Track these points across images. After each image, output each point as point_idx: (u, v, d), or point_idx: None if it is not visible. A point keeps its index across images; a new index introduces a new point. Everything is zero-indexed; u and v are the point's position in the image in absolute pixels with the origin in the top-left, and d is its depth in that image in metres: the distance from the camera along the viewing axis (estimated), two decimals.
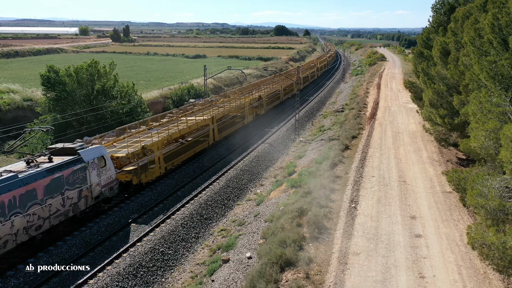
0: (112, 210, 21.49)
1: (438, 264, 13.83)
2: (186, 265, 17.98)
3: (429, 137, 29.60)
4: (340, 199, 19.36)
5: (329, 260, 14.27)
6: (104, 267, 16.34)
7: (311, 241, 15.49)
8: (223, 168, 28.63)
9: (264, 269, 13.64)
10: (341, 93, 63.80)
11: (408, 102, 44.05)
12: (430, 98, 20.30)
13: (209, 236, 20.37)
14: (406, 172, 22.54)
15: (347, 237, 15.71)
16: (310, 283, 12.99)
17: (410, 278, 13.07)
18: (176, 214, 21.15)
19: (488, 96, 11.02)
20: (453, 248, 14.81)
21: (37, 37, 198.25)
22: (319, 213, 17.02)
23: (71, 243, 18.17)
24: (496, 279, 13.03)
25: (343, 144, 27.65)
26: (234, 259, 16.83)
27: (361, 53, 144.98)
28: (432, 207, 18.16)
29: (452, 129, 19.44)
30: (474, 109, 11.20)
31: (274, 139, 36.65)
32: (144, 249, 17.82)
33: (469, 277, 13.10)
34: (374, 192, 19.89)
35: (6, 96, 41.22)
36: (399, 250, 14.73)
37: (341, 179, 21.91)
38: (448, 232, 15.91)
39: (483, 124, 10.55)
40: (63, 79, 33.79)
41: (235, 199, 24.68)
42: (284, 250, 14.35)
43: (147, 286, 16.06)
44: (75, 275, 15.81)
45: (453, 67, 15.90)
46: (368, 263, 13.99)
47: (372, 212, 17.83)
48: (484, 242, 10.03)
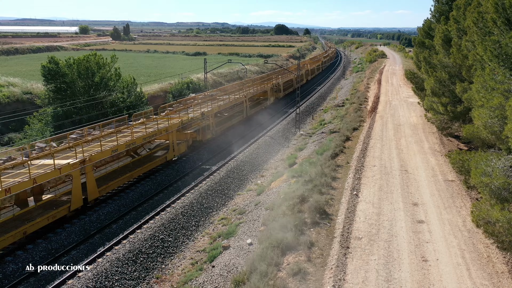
0: (112, 199, 21.35)
1: (441, 248, 13.68)
2: (186, 252, 17.84)
3: (430, 129, 29.48)
4: (341, 187, 19.22)
5: (330, 244, 14.13)
6: (103, 253, 16.20)
7: (312, 226, 15.35)
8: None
9: (265, 252, 13.50)
10: (342, 89, 63.66)
11: (409, 96, 43.94)
12: (432, 86, 20.14)
13: (209, 225, 20.23)
14: (407, 162, 22.40)
15: (349, 222, 15.56)
16: (312, 265, 12.85)
17: (413, 262, 12.93)
18: (176, 203, 21.02)
19: (492, 74, 10.87)
20: (456, 233, 14.67)
21: (37, 35, 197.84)
22: (320, 200, 16.88)
23: (70, 230, 18.04)
24: (500, 263, 12.89)
25: (344, 135, 27.50)
26: (234, 245, 16.69)
27: (361, 51, 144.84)
28: (434, 195, 18.02)
29: (454, 117, 19.28)
30: (478, 88, 11.04)
31: (274, 132, 36.51)
32: (144, 236, 17.69)
33: (472, 260, 12.96)
34: (375, 181, 19.75)
35: (5, 89, 41.04)
36: (401, 235, 14.59)
37: (342, 168, 21.76)
38: (450, 218, 15.77)
39: (487, 101, 10.41)
40: (63, 70, 33.61)
41: (236, 189, 24.53)
42: (285, 235, 14.21)
43: (147, 272, 15.92)
44: (74, 260, 15.67)
45: (455, 50, 15.74)
46: (370, 247, 13.84)
47: (373, 199, 17.69)
48: (489, 219, 9.88)
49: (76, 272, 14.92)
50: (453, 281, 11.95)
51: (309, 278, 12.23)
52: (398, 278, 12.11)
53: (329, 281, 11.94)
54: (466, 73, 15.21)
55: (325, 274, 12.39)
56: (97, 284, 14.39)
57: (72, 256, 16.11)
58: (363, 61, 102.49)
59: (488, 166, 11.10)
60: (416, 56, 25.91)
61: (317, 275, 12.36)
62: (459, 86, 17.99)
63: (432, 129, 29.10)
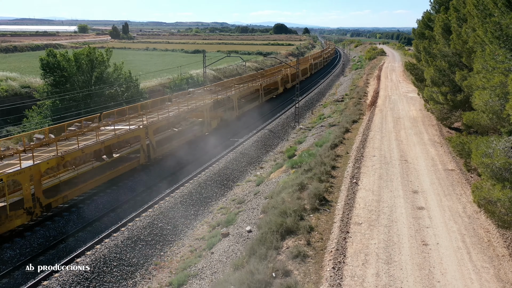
0: (111, 189, 21.25)
1: (441, 233, 13.62)
2: (185, 240, 17.75)
3: (430, 121, 29.43)
4: (341, 175, 19.15)
5: (330, 229, 14.05)
6: (102, 240, 16.10)
7: (312, 212, 15.27)
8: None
9: (265, 237, 13.42)
10: (341, 85, 63.61)
11: (409, 91, 43.91)
12: (432, 75, 20.07)
13: (208, 214, 20.15)
14: (407, 152, 22.34)
15: (349, 209, 15.49)
16: (311, 249, 12.78)
17: (413, 245, 12.86)
18: (175, 193, 20.93)
19: (493, 54, 10.81)
20: (456, 219, 14.60)
21: (36, 34, 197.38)
22: (319, 187, 16.79)
23: (68, 218, 17.93)
24: (500, 247, 12.84)
25: (343, 127, 27.44)
26: (233, 233, 16.61)
27: (360, 50, 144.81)
28: (434, 183, 17.96)
29: (454, 106, 19.22)
30: (479, 68, 10.97)
31: (273, 126, 36.43)
32: (143, 223, 17.60)
33: (473, 244, 12.90)
34: (375, 170, 19.68)
35: (4, 83, 40.88)
36: (401, 221, 14.52)
37: (341, 158, 21.69)
38: (450, 205, 15.70)
39: (488, 81, 10.34)
40: (62, 64, 33.50)
41: (235, 180, 24.44)
42: (284, 219, 14.13)
43: (145, 259, 15.83)
44: (71, 247, 15.57)
45: (455, 37, 15.67)
46: (370, 232, 13.77)
47: (373, 187, 17.62)
48: (490, 199, 9.81)
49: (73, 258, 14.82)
50: (454, 263, 11.89)
51: (308, 260, 12.15)
52: (398, 261, 12.04)
53: (329, 263, 11.87)
54: (466, 59, 15.15)
55: (324, 257, 12.31)
56: (95, 270, 14.30)
57: (70, 243, 16.01)
58: (362, 59, 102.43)
59: (489, 148, 11.04)
60: (416, 47, 25.85)
61: (317, 258, 12.29)
62: (458, 74, 17.93)
63: (432, 122, 29.05)
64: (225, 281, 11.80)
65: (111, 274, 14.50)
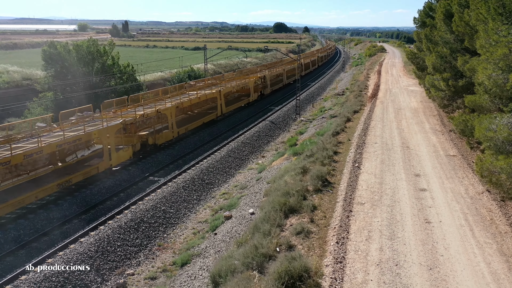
0: (113, 174, 21.29)
1: (443, 212, 13.68)
2: (188, 223, 17.80)
3: (431, 112, 29.50)
4: (343, 160, 19.21)
5: (333, 208, 14.12)
6: (105, 221, 16.15)
7: (315, 193, 15.32)
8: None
9: (268, 215, 13.46)
10: (341, 81, 63.67)
11: (410, 85, 43.96)
12: (434, 62, 20.12)
13: (211, 199, 20.19)
14: (409, 139, 22.40)
15: (351, 190, 15.56)
16: (315, 226, 12.84)
17: (416, 223, 12.92)
18: (178, 178, 20.98)
19: (496, 30, 10.86)
20: (459, 199, 14.67)
21: (36, 32, 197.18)
22: (322, 170, 16.84)
23: (71, 202, 17.98)
24: (503, 224, 12.90)
25: (345, 116, 27.50)
26: (236, 215, 16.66)
27: (360, 48, 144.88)
28: (436, 167, 18.03)
29: (456, 92, 19.26)
30: (482, 43, 11.03)
31: (274, 118, 36.48)
32: (146, 206, 17.65)
33: (475, 222, 12.97)
34: (377, 155, 19.75)
35: (5, 75, 40.88)
36: (404, 201, 14.58)
37: (343, 144, 21.75)
38: (453, 187, 15.76)
39: (491, 54, 10.39)
40: (63, 55, 33.53)
41: (237, 168, 24.49)
42: (287, 199, 14.17)
43: (149, 240, 15.88)
44: (75, 228, 15.63)
45: (457, 18, 15.71)
46: (373, 211, 13.84)
47: (375, 171, 17.69)
48: (493, 170, 9.86)
49: (78, 237, 14.88)
50: (457, 239, 11.95)
51: (312, 236, 12.21)
52: (402, 236, 12.11)
53: (332, 239, 11.93)
54: (469, 41, 15.20)
55: (328, 233, 12.38)
56: (99, 249, 14.35)
57: (74, 225, 16.07)
58: (362, 56, 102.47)
59: (492, 124, 11.10)
60: (417, 36, 25.90)
61: (321, 234, 12.35)
62: (460, 59, 17.97)
63: (433, 112, 29.13)
64: (229, 257, 11.83)
65: (114, 253, 14.55)
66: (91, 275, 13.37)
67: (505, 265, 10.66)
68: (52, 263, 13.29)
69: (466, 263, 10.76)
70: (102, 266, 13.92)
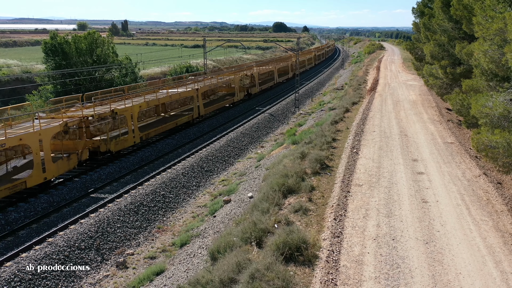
0: (113, 162, 21.40)
1: (440, 193, 13.83)
2: (187, 207, 17.93)
3: (429, 104, 29.66)
4: (341, 147, 19.35)
5: (331, 189, 14.25)
6: (105, 204, 16.27)
7: (313, 175, 15.46)
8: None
9: (267, 195, 13.58)
10: (341, 77, 63.87)
11: (408, 80, 44.11)
12: (432, 50, 20.27)
13: (210, 185, 20.32)
14: (407, 128, 22.55)
15: (349, 173, 15.69)
16: (313, 205, 12.96)
17: (413, 203, 13.06)
18: (177, 165, 21.08)
19: (493, 6, 11.00)
20: (456, 181, 14.82)
21: (35, 31, 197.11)
22: (321, 154, 16.97)
23: (71, 186, 18.09)
24: (499, 204, 13.05)
25: (343, 107, 27.65)
26: (235, 199, 16.80)
27: (359, 46, 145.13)
28: (434, 153, 18.19)
29: (454, 79, 19.42)
30: (479, 19, 11.17)
31: (273, 110, 36.61)
32: (145, 191, 17.76)
33: (472, 202, 13.11)
34: (375, 142, 19.89)
35: (5, 69, 41.01)
36: (401, 183, 14.73)
37: (342, 132, 21.90)
38: (450, 171, 15.91)
39: (487, 30, 10.53)
40: (63, 46, 33.68)
41: (236, 157, 24.61)
42: (286, 180, 14.29)
43: (148, 223, 16.00)
44: (75, 210, 15.74)
45: (456, 2, 15.84)
46: (370, 192, 13.98)
47: (373, 156, 17.83)
48: (489, 144, 10.00)
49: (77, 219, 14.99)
50: (453, 217, 12.09)
51: (310, 213, 12.35)
52: (399, 214, 12.25)
53: (330, 215, 12.06)
54: (466, 24, 15.34)
55: (326, 211, 12.51)
56: (99, 230, 14.47)
57: (74, 208, 16.18)
58: (361, 54, 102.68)
59: (489, 101, 11.23)
60: (416, 26, 26.05)
61: (319, 212, 12.48)
62: (458, 46, 18.12)
63: (431, 104, 29.29)
64: (228, 234, 11.96)
65: (114, 234, 14.67)
66: (91, 254, 13.48)
67: (500, 240, 10.81)
68: (54, 242, 13.36)
69: (462, 238, 10.90)
70: (102, 246, 14.04)
